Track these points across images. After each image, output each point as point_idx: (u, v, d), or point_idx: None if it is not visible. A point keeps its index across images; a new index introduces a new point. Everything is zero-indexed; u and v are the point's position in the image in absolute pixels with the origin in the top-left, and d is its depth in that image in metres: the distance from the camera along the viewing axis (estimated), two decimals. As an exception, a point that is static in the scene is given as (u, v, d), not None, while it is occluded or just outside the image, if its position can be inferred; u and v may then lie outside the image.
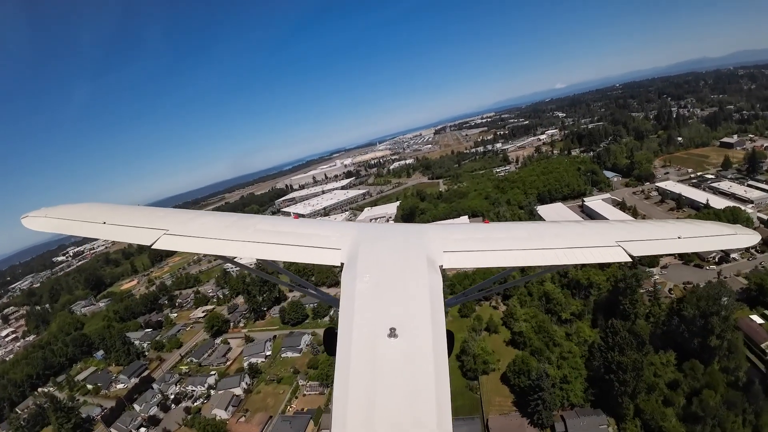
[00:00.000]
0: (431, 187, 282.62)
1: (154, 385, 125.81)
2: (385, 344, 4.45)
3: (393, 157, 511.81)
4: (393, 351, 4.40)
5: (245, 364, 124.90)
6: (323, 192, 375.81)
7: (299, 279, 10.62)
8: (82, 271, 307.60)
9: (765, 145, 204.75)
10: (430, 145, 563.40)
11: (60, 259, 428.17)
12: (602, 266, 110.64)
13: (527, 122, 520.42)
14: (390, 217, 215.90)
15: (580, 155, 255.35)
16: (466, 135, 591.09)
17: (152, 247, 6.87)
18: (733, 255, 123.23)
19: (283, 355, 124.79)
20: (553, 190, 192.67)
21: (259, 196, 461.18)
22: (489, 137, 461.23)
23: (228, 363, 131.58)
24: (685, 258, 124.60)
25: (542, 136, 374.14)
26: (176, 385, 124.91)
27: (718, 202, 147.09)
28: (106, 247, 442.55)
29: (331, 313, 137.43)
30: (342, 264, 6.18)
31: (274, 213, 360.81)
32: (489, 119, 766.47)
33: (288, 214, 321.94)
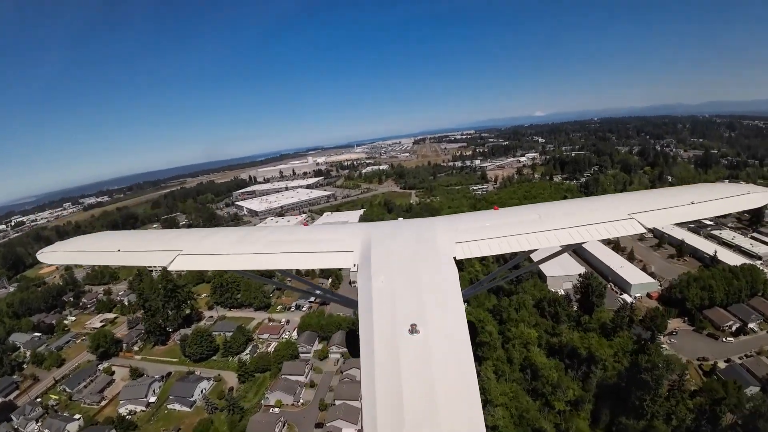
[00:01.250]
0: (402, 197, 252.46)
1: (14, 417, 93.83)
2: (406, 341, 4.34)
3: (368, 161, 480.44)
4: (415, 347, 4.29)
5: (120, 411, 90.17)
6: (287, 188, 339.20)
7: (313, 284, 10.54)
8: (7, 245, 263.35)
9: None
10: (407, 154, 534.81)
11: (0, 228, 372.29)
12: (608, 335, 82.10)
13: (507, 143, 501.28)
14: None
15: (564, 182, 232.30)
16: (445, 148, 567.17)
17: (169, 268, 6.76)
18: (751, 325, 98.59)
19: (169, 406, 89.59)
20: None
21: (219, 185, 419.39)
22: (468, 153, 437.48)
23: (102, 404, 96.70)
24: (696, 324, 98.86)
25: (522, 158, 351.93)
26: (37, 422, 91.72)
27: (728, 256, 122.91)
28: (48, 221, 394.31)
29: (246, 353, 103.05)
30: (356, 265, 6.04)
31: (228, 205, 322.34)
32: (469, 136, 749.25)
33: (241, 208, 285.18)
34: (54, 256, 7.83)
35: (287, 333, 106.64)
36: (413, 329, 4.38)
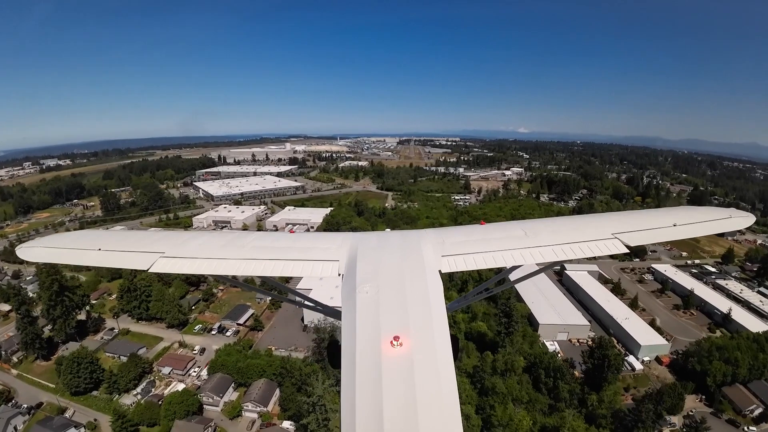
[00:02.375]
0: (377, 198, 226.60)
1: None
2: (389, 353, 4.23)
3: (348, 155, 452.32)
4: (398, 359, 4.19)
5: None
6: (254, 174, 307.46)
7: (298, 292, 9.63)
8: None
9: (759, 241, 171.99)
10: (390, 153, 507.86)
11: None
12: (623, 428, 58.76)
13: (492, 154, 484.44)
14: (311, 227, 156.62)
15: (553, 204, 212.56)
16: (429, 152, 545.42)
17: (149, 271, 6.56)
18: (774, 409, 78.81)
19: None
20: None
21: (185, 161, 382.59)
22: (452, 159, 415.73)
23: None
24: (715, 406, 78.40)
25: (507, 172, 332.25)
26: None
27: (738, 314, 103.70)
28: (2, 179, 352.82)
29: (137, 391, 75.00)
30: (341, 275, 5.94)
31: (186, 184, 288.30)
32: (454, 143, 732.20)
33: (198, 189, 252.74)
34: (33, 252, 7.29)
35: (197, 369, 78.80)
36: (396, 341, 4.25)
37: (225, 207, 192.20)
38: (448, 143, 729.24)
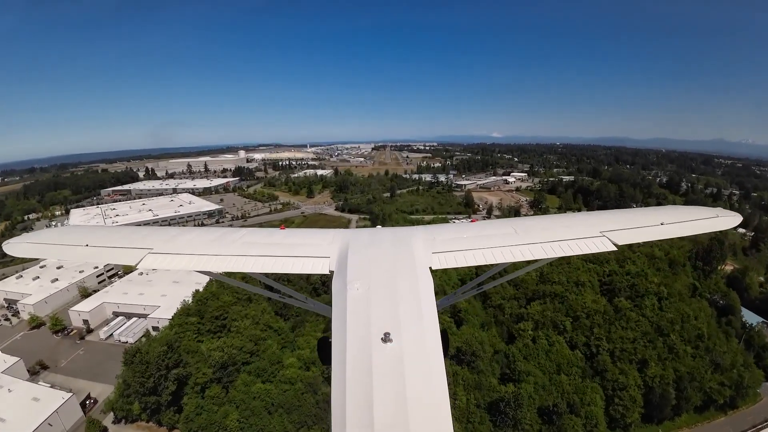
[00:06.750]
0: (333, 226, 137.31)
1: None
2: (379, 350, 4.08)
3: (312, 162, 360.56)
4: (388, 356, 4.04)
5: None
6: (174, 191, 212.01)
7: (289, 290, 8.78)
8: None
9: None
10: (362, 159, 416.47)
11: None
12: None
13: (479, 157, 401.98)
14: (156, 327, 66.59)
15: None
16: (408, 157, 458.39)
17: (137, 266, 6.29)
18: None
19: None
20: (670, 379, 55.66)
21: (95, 178, 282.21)
22: (437, 164, 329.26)
23: None
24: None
25: (510, 179, 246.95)
26: None
27: None
28: None
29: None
30: (332, 272, 5.70)
31: (67, 212, 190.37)
32: (432, 148, 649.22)
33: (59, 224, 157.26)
34: (20, 247, 6.90)
35: None
36: (386, 338, 4.08)
37: (42, 265, 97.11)
38: (427, 148, 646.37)
